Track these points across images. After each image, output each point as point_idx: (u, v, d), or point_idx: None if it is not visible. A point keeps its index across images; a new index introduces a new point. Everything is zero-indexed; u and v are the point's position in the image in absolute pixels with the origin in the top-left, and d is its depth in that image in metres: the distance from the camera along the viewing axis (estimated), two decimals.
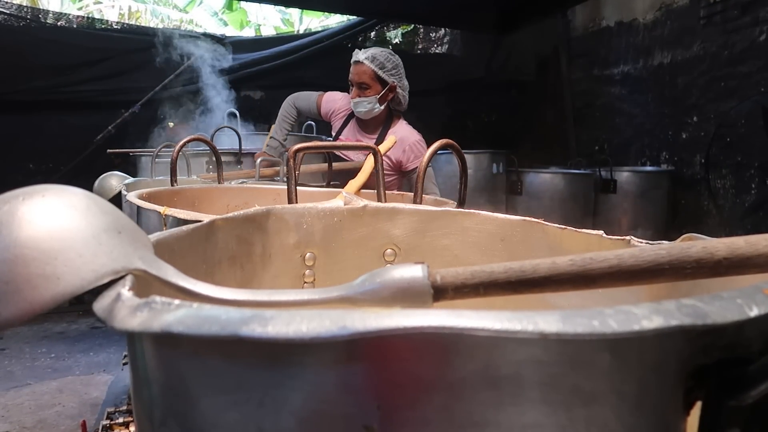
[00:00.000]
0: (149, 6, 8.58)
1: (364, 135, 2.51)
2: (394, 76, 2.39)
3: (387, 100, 2.40)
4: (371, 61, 2.35)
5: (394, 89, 2.40)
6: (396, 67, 2.41)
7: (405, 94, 2.48)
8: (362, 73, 2.35)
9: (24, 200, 0.33)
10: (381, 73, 2.35)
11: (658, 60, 4.33)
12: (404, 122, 2.52)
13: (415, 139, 2.43)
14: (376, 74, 2.34)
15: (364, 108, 2.38)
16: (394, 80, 2.39)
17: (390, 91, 2.39)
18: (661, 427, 0.27)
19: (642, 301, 0.42)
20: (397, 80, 2.40)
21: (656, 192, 3.98)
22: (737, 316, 0.25)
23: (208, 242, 0.57)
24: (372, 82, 2.35)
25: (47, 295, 0.31)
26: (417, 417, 0.25)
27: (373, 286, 0.36)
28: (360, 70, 2.36)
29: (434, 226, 0.72)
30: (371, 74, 2.34)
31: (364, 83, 2.35)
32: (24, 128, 4.07)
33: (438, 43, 5.62)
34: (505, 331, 0.23)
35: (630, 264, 0.34)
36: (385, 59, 2.37)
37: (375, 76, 2.35)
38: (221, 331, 0.24)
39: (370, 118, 2.44)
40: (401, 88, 2.44)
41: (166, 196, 1.24)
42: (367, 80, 2.34)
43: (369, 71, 2.34)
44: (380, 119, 2.47)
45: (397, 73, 2.41)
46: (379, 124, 2.48)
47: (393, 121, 2.49)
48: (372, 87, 2.35)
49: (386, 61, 2.37)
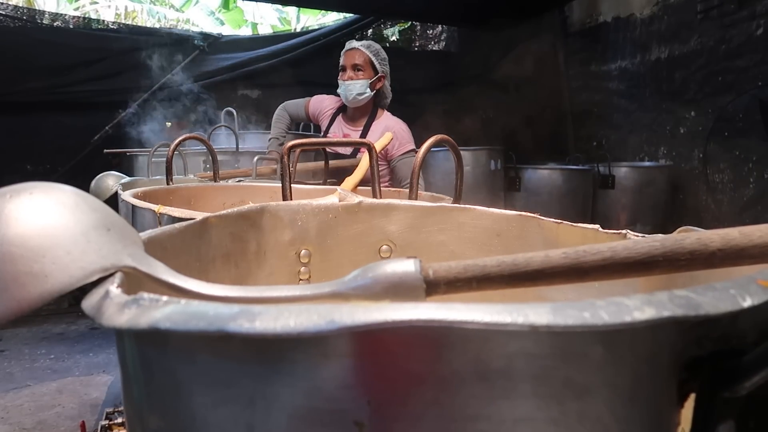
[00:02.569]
0: (145, 6, 8.57)
1: (349, 127, 2.58)
2: (384, 68, 2.51)
3: (376, 88, 2.50)
4: (367, 47, 2.47)
5: (382, 79, 2.51)
6: (386, 60, 2.54)
7: (389, 89, 2.60)
8: (357, 57, 2.45)
9: (11, 198, 0.33)
10: (375, 60, 2.46)
11: (656, 55, 4.33)
12: (389, 114, 2.61)
13: (400, 127, 2.52)
14: (370, 60, 2.45)
15: (355, 90, 2.44)
16: (383, 71, 2.50)
17: (379, 80, 2.50)
18: (655, 419, 0.27)
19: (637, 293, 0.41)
20: (386, 72, 2.53)
21: (655, 187, 3.98)
22: (731, 307, 0.25)
23: (202, 240, 0.57)
24: (366, 65, 2.45)
25: (35, 293, 0.31)
26: (408, 412, 0.25)
27: (365, 281, 0.36)
28: (356, 54, 2.46)
29: (430, 221, 0.72)
30: (366, 58, 2.45)
31: (359, 65, 2.44)
32: (21, 129, 4.06)
33: (435, 40, 5.62)
34: (495, 323, 0.23)
35: (623, 256, 0.34)
36: (378, 49, 2.51)
37: (369, 61, 2.45)
38: (208, 327, 0.24)
39: (358, 106, 2.52)
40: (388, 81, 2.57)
41: (161, 195, 1.23)
42: (361, 63, 2.44)
43: (365, 55, 2.45)
44: (366, 110, 2.55)
45: (386, 65, 2.53)
46: (365, 115, 2.56)
47: (378, 113, 2.57)
48: (365, 70, 2.45)
49: (379, 52, 2.50)
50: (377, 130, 2.46)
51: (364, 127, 2.52)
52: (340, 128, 2.60)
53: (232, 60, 4.57)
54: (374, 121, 2.53)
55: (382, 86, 2.53)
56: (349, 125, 2.58)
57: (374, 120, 2.54)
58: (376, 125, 2.50)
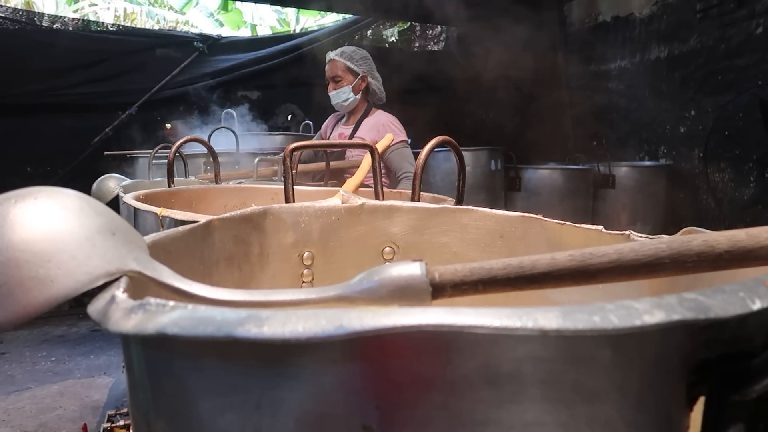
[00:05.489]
0: (144, 7, 8.57)
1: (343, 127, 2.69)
2: (363, 67, 2.58)
3: (360, 89, 2.58)
4: (340, 55, 2.57)
5: (365, 78, 2.58)
6: (364, 58, 2.60)
7: (379, 86, 2.66)
8: (334, 68, 2.57)
9: (16, 203, 0.33)
10: (350, 64, 2.55)
11: (655, 54, 4.33)
12: (381, 111, 2.69)
13: (388, 119, 2.61)
14: (346, 66, 2.55)
15: (340, 98, 2.57)
16: (363, 70, 2.57)
17: (362, 80, 2.56)
18: (664, 422, 0.27)
19: (643, 296, 0.41)
20: (366, 70, 2.59)
21: (655, 187, 3.98)
22: (740, 310, 0.24)
23: (205, 243, 0.57)
24: (343, 74, 2.56)
25: (41, 298, 0.31)
26: (416, 416, 0.25)
27: (371, 285, 0.36)
28: (332, 66, 2.58)
29: (433, 223, 0.72)
30: (342, 67, 2.56)
31: (337, 76, 2.57)
32: (21, 131, 4.05)
33: (434, 41, 5.62)
34: (505, 328, 0.23)
35: (630, 258, 0.34)
36: (352, 52, 2.59)
37: (345, 68, 2.56)
38: (216, 332, 0.24)
39: (350, 110, 2.63)
40: (373, 78, 2.63)
41: (163, 198, 1.23)
42: (339, 73, 2.56)
43: (339, 64, 2.56)
44: (359, 111, 2.65)
45: (365, 63, 2.60)
46: (358, 116, 2.66)
47: (370, 112, 2.66)
48: (344, 78, 2.56)
49: (354, 53, 2.58)
50: (368, 125, 2.56)
51: (355, 124, 2.62)
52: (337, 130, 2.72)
53: (232, 61, 4.58)
54: (366, 118, 2.63)
55: (367, 84, 2.60)
56: (344, 125, 2.70)
57: (366, 117, 2.64)
58: (367, 121, 2.61)
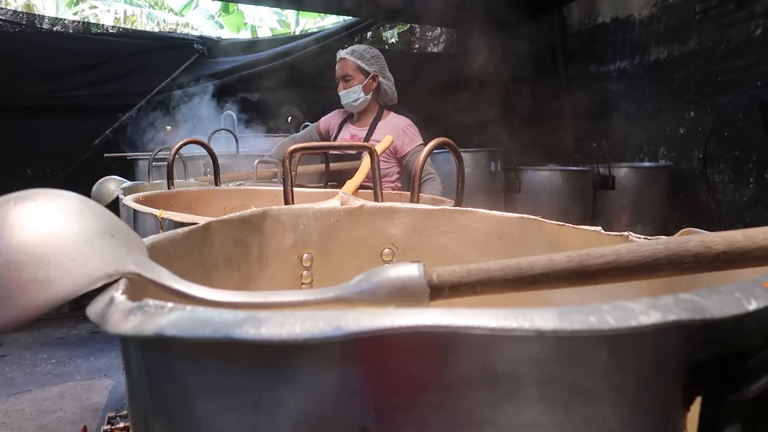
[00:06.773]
0: (144, 10, 8.58)
1: (356, 128, 2.62)
2: (375, 66, 2.52)
3: (371, 89, 2.53)
4: (351, 54, 2.51)
5: (376, 78, 2.52)
6: (375, 57, 2.54)
7: (391, 86, 2.60)
8: (345, 67, 2.51)
9: (15, 205, 0.33)
10: (361, 63, 2.49)
11: (655, 55, 4.33)
12: (394, 114, 2.63)
13: (405, 123, 2.56)
14: (357, 65, 2.49)
15: (350, 98, 2.51)
16: (374, 69, 2.52)
17: (373, 80, 2.51)
18: (661, 423, 0.27)
19: (641, 297, 0.42)
20: (378, 69, 2.53)
21: (655, 188, 3.98)
22: (736, 310, 0.25)
23: (204, 245, 0.57)
24: (354, 73, 2.50)
25: (40, 300, 0.31)
26: (414, 417, 0.25)
27: (369, 286, 0.36)
28: (343, 65, 2.52)
29: (432, 224, 0.72)
30: (353, 66, 2.50)
31: (347, 75, 2.50)
32: (21, 134, 4.05)
33: (434, 42, 5.62)
34: (501, 329, 0.23)
35: (627, 259, 0.34)
36: (363, 50, 2.53)
37: (356, 67, 2.50)
38: (214, 334, 0.24)
39: (360, 110, 2.57)
40: (385, 78, 2.57)
41: (163, 200, 1.23)
42: (349, 72, 2.50)
43: (350, 63, 2.50)
44: (371, 111, 2.59)
45: (377, 62, 2.54)
46: (371, 116, 2.60)
47: (384, 113, 2.61)
48: (354, 77, 2.50)
49: (364, 52, 2.52)
50: (384, 129, 2.49)
51: (369, 127, 2.56)
52: (348, 131, 2.65)
53: (232, 63, 4.58)
54: (380, 121, 2.57)
55: (379, 84, 2.54)
56: (356, 126, 2.63)
57: (380, 119, 2.58)
58: (383, 124, 2.55)
